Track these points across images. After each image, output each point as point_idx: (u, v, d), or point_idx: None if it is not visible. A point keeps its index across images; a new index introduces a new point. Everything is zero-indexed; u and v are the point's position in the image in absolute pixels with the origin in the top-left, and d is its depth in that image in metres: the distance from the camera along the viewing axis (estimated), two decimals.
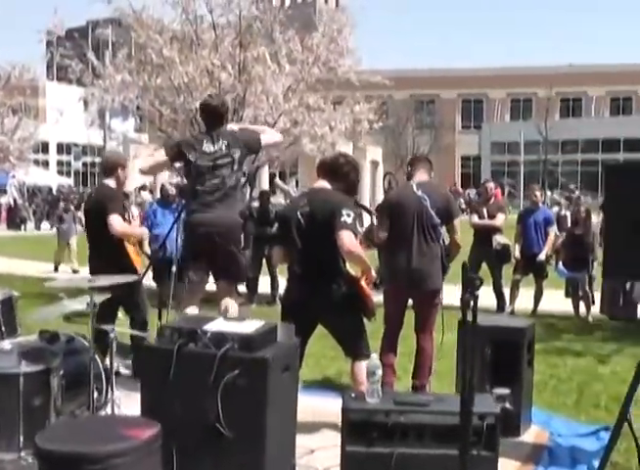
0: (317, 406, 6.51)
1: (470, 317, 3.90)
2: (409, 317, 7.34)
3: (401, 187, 7.74)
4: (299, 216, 6.04)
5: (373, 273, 6.09)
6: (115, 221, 7.17)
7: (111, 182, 7.52)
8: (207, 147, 6.79)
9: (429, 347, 7.26)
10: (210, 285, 7.06)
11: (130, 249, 7.39)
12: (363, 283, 6.02)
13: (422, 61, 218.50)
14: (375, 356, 4.87)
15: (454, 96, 68.09)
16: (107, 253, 7.39)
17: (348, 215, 5.78)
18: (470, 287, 3.82)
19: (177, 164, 7.14)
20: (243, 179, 7.07)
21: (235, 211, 6.82)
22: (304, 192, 6.40)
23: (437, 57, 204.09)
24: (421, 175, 7.38)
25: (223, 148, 6.76)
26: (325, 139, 13.53)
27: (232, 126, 7.11)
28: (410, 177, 7.47)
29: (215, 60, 12.89)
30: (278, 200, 14.57)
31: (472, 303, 3.82)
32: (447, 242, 7.18)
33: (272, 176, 16.68)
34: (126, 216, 7.51)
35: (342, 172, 6.20)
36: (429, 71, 66.26)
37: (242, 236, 6.86)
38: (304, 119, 13.33)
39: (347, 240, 5.72)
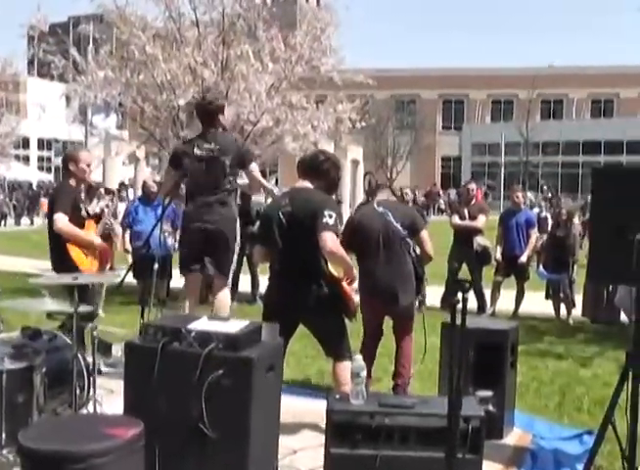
0: (298, 406, 6.49)
1: (458, 320, 3.89)
2: (388, 320, 7.38)
3: (362, 208, 7.81)
4: (281, 216, 6.00)
5: (355, 273, 6.07)
6: (58, 219, 7.16)
7: (66, 177, 7.52)
8: (198, 150, 6.97)
9: (408, 347, 7.29)
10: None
11: (75, 250, 7.31)
12: (344, 283, 5.99)
13: (402, 61, 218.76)
14: (359, 357, 4.85)
15: (435, 96, 68.16)
16: (52, 250, 7.45)
17: (330, 216, 5.74)
18: (458, 290, 3.80)
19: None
20: (234, 183, 7.11)
21: (230, 211, 7.00)
22: (286, 191, 6.36)
23: (418, 57, 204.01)
24: (381, 195, 7.49)
25: (215, 151, 6.90)
26: (307, 138, 13.51)
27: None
28: (371, 197, 7.56)
29: (198, 57, 12.86)
30: (259, 198, 14.52)
31: (461, 306, 3.81)
32: (418, 252, 7.19)
33: None
34: (83, 214, 7.49)
35: (322, 170, 6.16)
36: (410, 71, 66.27)
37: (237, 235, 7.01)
38: (287, 118, 13.31)
39: (330, 241, 5.69)
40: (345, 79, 14.80)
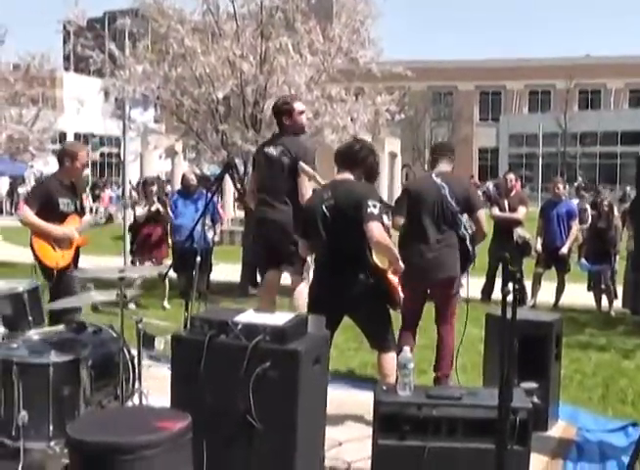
0: (342, 398, 6.49)
1: (508, 312, 3.85)
2: (431, 310, 7.33)
3: (421, 177, 7.73)
4: (324, 210, 5.99)
5: (401, 265, 6.04)
6: (22, 211, 7.38)
7: (57, 170, 7.69)
8: (267, 149, 7.24)
9: (449, 338, 7.22)
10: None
11: (41, 244, 7.37)
12: (390, 274, 5.98)
13: (439, 52, 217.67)
14: (407, 349, 4.83)
15: (472, 88, 67.74)
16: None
17: (374, 206, 5.73)
18: (510, 281, 3.77)
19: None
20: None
21: (288, 211, 7.06)
22: (327, 184, 6.34)
23: (455, 48, 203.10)
24: (443, 166, 7.38)
25: (278, 152, 7.11)
26: (347, 130, 13.45)
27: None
28: (433, 166, 7.46)
29: (237, 50, 12.81)
30: None
31: (512, 297, 3.77)
32: (472, 230, 7.12)
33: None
34: (62, 208, 7.56)
35: (358, 158, 6.14)
36: (447, 63, 65.92)
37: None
38: (326, 110, 13.25)
39: (376, 231, 5.68)
40: (383, 71, 14.71)
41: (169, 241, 12.70)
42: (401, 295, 6.06)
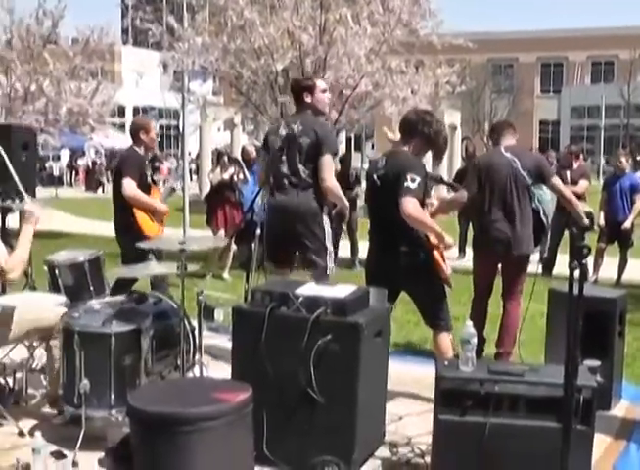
0: (401, 372, 6.44)
1: (576, 287, 3.77)
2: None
3: (489, 152, 7.59)
4: (375, 178, 5.94)
5: (449, 240, 5.91)
6: (127, 185, 7.27)
7: (135, 145, 7.62)
8: (283, 129, 6.58)
9: (515, 314, 7.12)
10: None
11: (143, 216, 7.38)
12: (437, 251, 5.84)
13: (499, 23, 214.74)
14: (470, 324, 4.75)
15: (533, 59, 66.78)
16: (118, 214, 7.62)
17: (413, 181, 5.60)
18: (578, 256, 3.69)
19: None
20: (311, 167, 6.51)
21: (307, 194, 6.47)
22: (383, 153, 6.25)
23: (516, 20, 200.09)
24: (508, 140, 7.25)
25: (297, 131, 6.46)
26: (407, 102, 13.35)
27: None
28: (497, 143, 7.34)
29: (296, 21, 12.76)
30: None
31: (579, 272, 3.69)
32: (548, 201, 7.03)
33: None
34: (148, 181, 7.62)
35: (415, 129, 5.99)
36: (507, 34, 65.03)
37: (320, 220, 6.51)
38: (386, 82, 13.16)
39: (406, 206, 5.55)
40: (444, 43, 14.56)
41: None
42: (445, 271, 5.92)
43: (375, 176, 5.94)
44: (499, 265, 7.20)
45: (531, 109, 64.18)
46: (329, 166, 6.46)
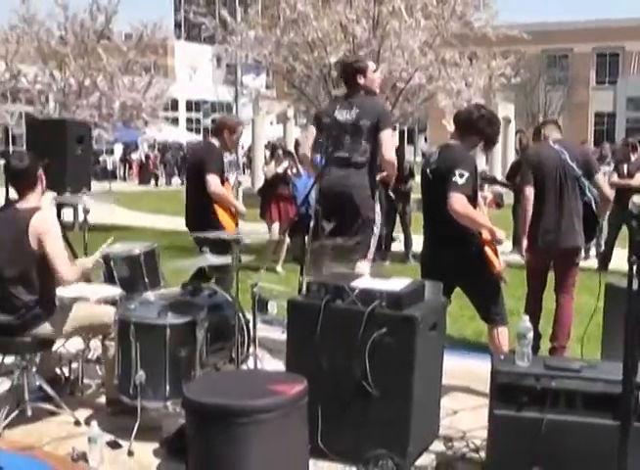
0: (455, 366, 6.38)
1: (635, 282, 3.71)
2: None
3: (538, 145, 7.52)
4: (428, 172, 5.92)
5: (500, 235, 5.85)
6: (212, 181, 7.23)
7: (215, 141, 7.56)
8: (338, 112, 6.57)
9: (568, 308, 7.06)
10: None
11: (223, 213, 7.38)
12: (488, 246, 5.79)
13: (553, 13, 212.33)
14: (526, 318, 4.70)
15: (589, 50, 65.82)
16: (197, 210, 7.48)
17: (461, 176, 5.55)
18: (637, 250, 3.63)
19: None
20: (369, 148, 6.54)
21: (363, 178, 6.51)
22: (438, 147, 6.22)
23: (571, 8, 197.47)
24: (554, 135, 7.23)
25: (353, 114, 6.49)
26: (461, 95, 13.26)
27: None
28: (545, 138, 7.29)
29: (350, 14, 12.72)
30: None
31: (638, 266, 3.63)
32: (596, 195, 6.95)
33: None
34: (224, 178, 7.58)
35: (475, 127, 5.95)
36: (562, 25, 64.17)
37: (374, 206, 6.57)
38: (440, 75, 13.08)
39: (453, 201, 5.50)
40: (498, 35, 14.43)
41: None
42: (497, 266, 5.86)
43: (428, 170, 5.93)
44: (551, 261, 7.14)
45: (586, 100, 63.36)
46: (389, 141, 6.53)
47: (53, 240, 5.33)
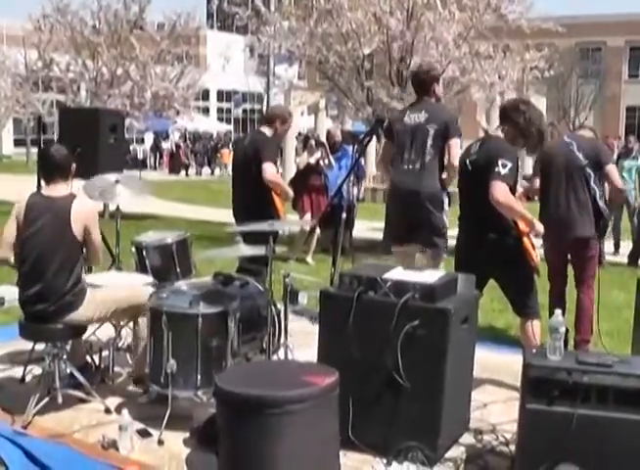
0: (486, 359, 6.37)
1: None
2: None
3: (554, 139, 7.51)
4: (467, 163, 5.92)
5: (539, 226, 5.85)
6: (269, 168, 7.23)
7: (267, 130, 7.54)
8: (408, 118, 6.82)
9: (587, 301, 7.02)
10: None
11: (279, 201, 7.39)
12: (526, 237, 5.79)
13: (587, 6, 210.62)
14: (559, 312, 4.68)
15: (622, 43, 65.13)
16: (252, 201, 7.39)
17: (504, 166, 5.56)
18: None
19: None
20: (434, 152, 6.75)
21: (433, 181, 6.71)
22: (479, 139, 6.23)
23: (605, 2, 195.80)
24: (581, 131, 7.26)
25: (423, 119, 6.71)
26: (494, 88, 13.21)
27: None
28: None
29: (384, 6, 12.69)
30: None
31: None
32: (602, 188, 6.93)
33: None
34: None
35: (508, 116, 5.95)
36: (595, 17, 63.53)
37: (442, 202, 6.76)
38: (474, 67, 13.02)
39: (497, 191, 5.50)
40: (532, 28, 14.33)
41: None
42: (535, 257, 5.85)
43: (467, 161, 5.93)
44: (567, 253, 7.15)
45: (618, 94, 62.72)
46: (455, 149, 6.66)
47: (96, 226, 5.42)
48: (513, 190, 5.70)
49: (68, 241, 5.31)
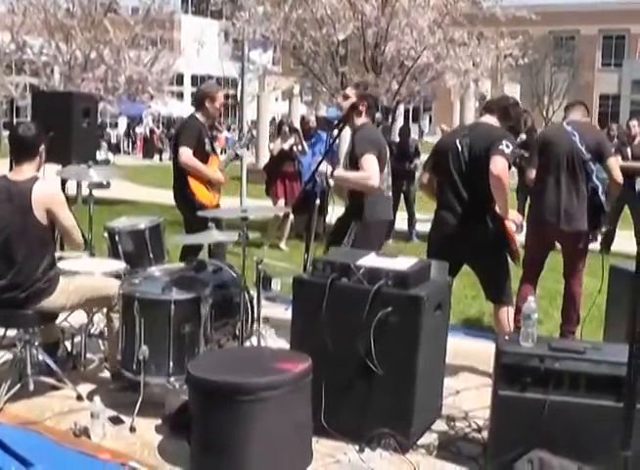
0: (459, 346, 6.42)
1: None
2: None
3: (553, 126, 7.50)
4: (458, 145, 5.86)
5: (513, 215, 5.85)
6: (183, 153, 7.27)
7: (198, 114, 7.54)
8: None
9: (578, 292, 7.01)
10: None
11: (198, 184, 7.36)
12: (508, 223, 5.80)
13: None
14: (532, 299, 4.69)
15: (595, 32, 65.40)
16: (176, 184, 7.58)
17: (507, 146, 5.57)
18: None
19: None
20: None
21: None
22: (467, 124, 6.24)
23: None
24: (574, 115, 7.14)
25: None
26: (468, 75, 13.23)
27: None
28: (564, 118, 7.25)
29: None
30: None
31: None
32: (604, 181, 6.89)
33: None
34: (207, 149, 7.54)
35: (509, 112, 6.00)
36: (569, 6, 63.69)
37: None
38: (448, 54, 13.03)
39: (499, 165, 5.50)
40: (507, 15, 14.35)
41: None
42: (516, 242, 5.87)
43: (457, 141, 5.87)
44: (553, 243, 7.12)
45: (592, 82, 62.95)
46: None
47: (63, 208, 5.33)
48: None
49: (32, 226, 5.22)
